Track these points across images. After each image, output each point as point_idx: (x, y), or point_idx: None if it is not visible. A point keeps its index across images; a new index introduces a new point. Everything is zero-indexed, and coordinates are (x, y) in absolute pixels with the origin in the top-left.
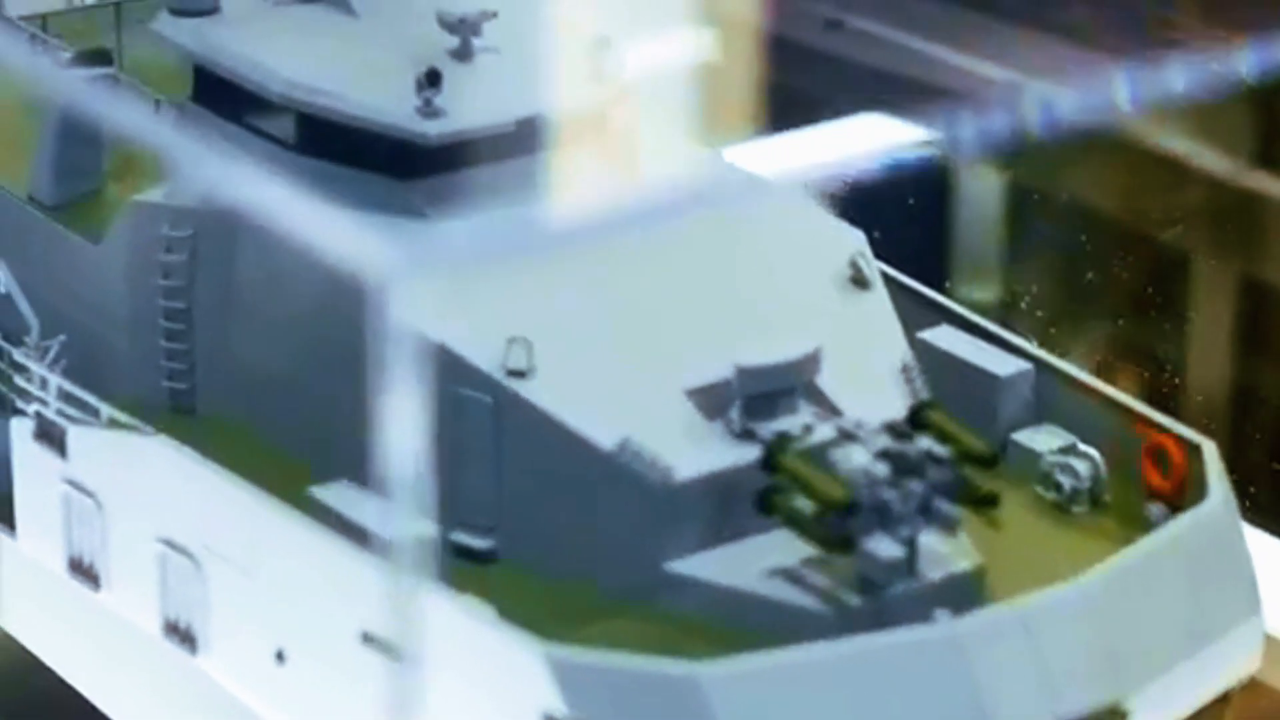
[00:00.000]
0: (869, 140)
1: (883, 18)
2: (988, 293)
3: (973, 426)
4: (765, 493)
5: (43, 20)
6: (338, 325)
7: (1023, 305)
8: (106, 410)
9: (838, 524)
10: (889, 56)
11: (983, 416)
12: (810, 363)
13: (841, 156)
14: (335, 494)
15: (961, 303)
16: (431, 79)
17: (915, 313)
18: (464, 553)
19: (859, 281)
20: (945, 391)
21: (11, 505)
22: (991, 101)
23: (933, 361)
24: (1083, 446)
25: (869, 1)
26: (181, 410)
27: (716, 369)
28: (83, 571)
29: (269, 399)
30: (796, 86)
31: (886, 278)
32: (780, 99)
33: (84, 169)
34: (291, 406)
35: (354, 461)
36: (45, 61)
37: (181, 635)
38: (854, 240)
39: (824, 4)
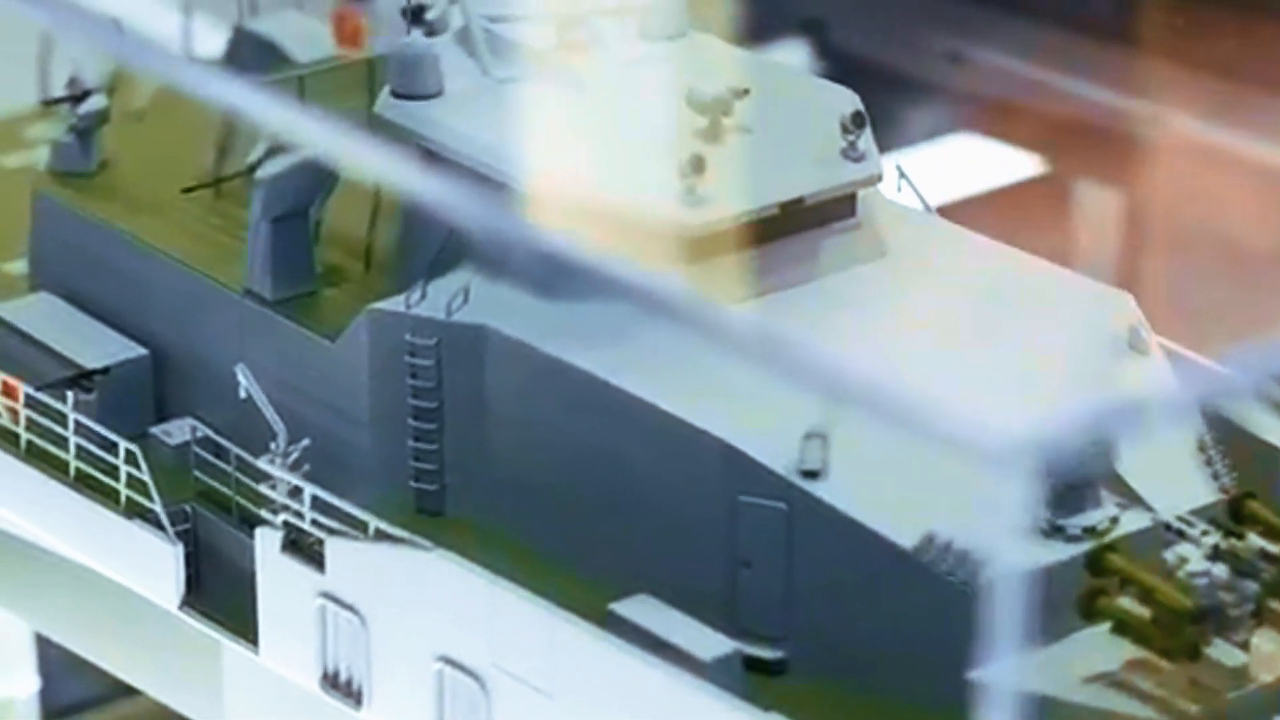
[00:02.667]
0: (964, 163)
1: (1008, 50)
2: None
3: None
4: (1090, 595)
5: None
6: (645, 447)
7: None
8: (374, 523)
9: (1177, 630)
10: (1011, 89)
11: (1267, 494)
12: (1116, 447)
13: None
14: (640, 610)
15: None
16: (695, 165)
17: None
18: (752, 664)
19: (1138, 349)
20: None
21: (253, 619)
22: None
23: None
24: None
25: (996, 35)
26: (428, 512)
27: None
28: (340, 688)
29: (538, 506)
30: (909, 119)
31: None
32: (892, 130)
33: (300, 260)
34: (567, 516)
35: (653, 576)
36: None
37: None
38: (1126, 304)
39: (948, 38)
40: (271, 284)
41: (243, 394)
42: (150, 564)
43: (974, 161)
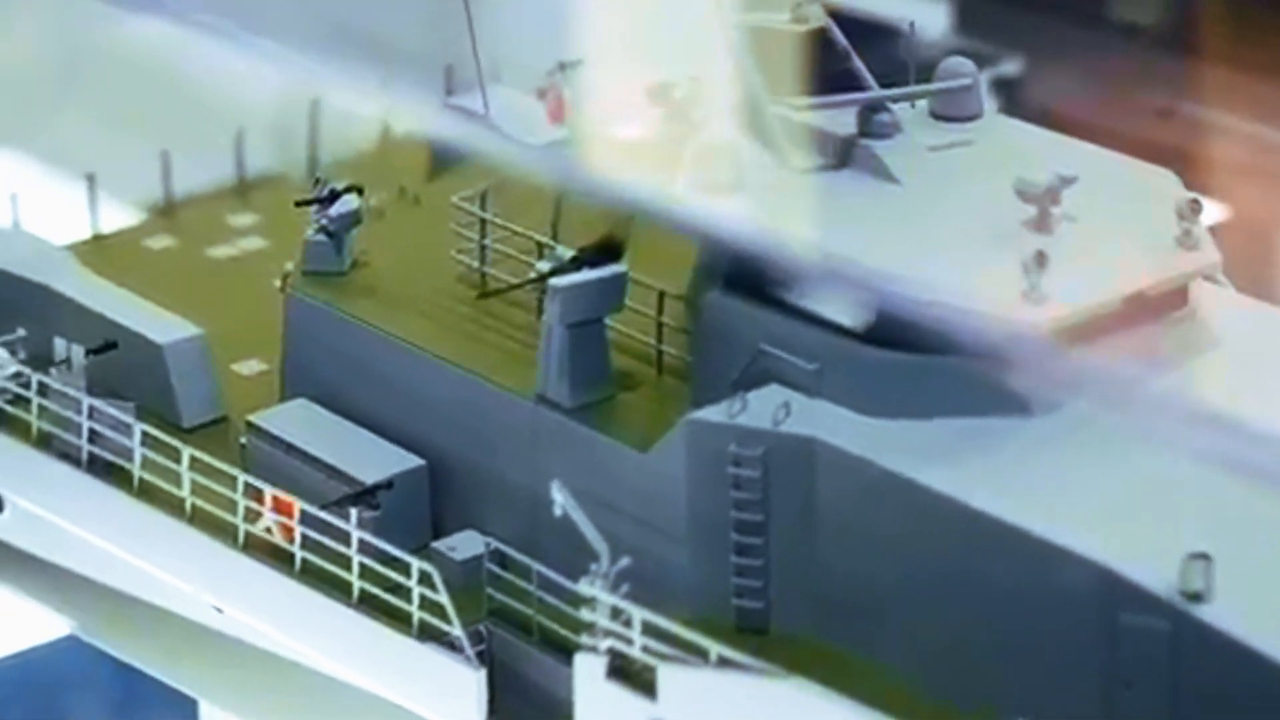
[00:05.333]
0: None
1: (1222, 105)
2: None
3: None
4: None
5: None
6: (1006, 567)
7: None
8: (715, 648)
9: None
10: (1226, 144)
11: None
12: None
13: None
14: None
15: None
16: (1040, 260)
17: None
18: None
19: None
20: None
21: None
22: None
23: None
24: None
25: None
26: (752, 630)
27: None
28: None
29: (877, 625)
30: None
31: None
32: None
33: (597, 366)
34: (913, 635)
35: (1020, 698)
36: None
37: None
38: None
39: (1161, 93)
40: (569, 391)
41: (558, 511)
42: (449, 689)
43: None
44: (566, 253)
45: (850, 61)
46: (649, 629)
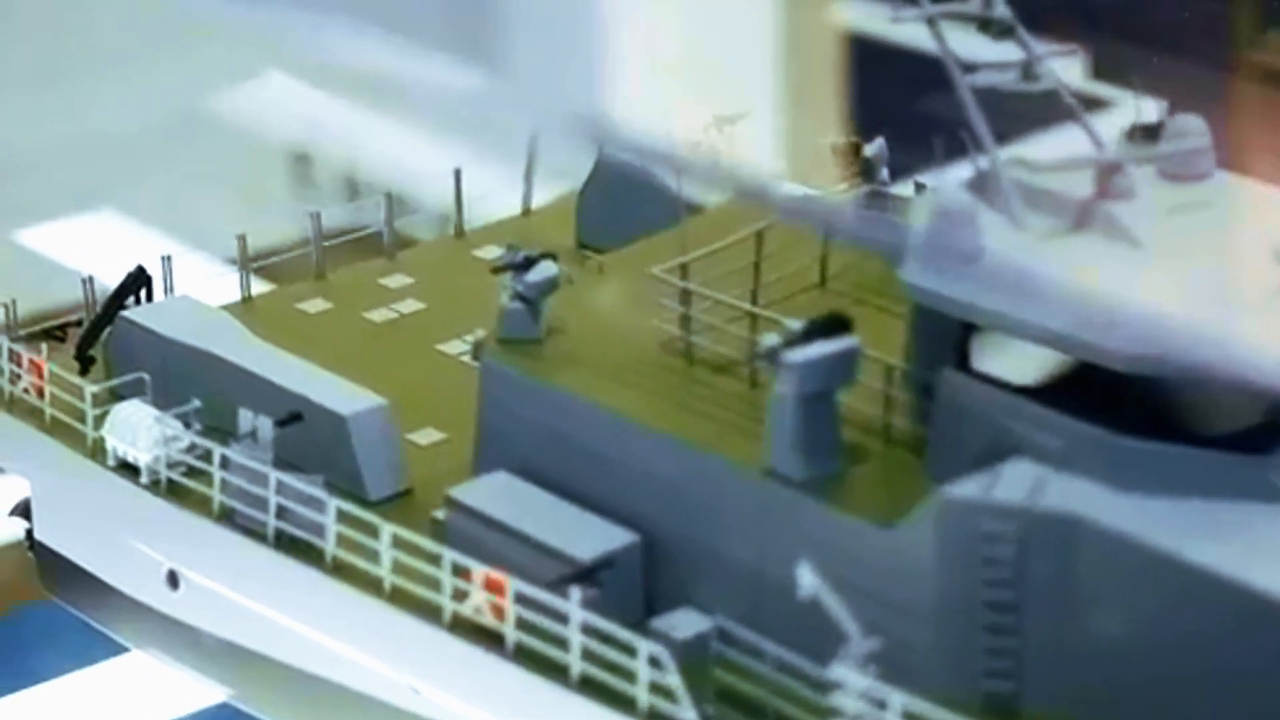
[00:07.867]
0: None
1: None
2: None
3: None
4: None
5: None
6: None
7: None
8: None
9: None
10: None
11: None
12: None
13: None
14: None
15: None
16: None
17: None
18: None
19: None
20: None
21: None
22: None
23: None
24: None
25: None
26: (1000, 712)
27: None
28: None
29: (1144, 711)
30: None
31: None
32: None
33: (828, 440)
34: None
35: None
36: None
37: None
38: None
39: None
40: (802, 465)
41: (804, 592)
42: None
43: None
44: (796, 325)
45: (1081, 120)
46: (909, 716)
